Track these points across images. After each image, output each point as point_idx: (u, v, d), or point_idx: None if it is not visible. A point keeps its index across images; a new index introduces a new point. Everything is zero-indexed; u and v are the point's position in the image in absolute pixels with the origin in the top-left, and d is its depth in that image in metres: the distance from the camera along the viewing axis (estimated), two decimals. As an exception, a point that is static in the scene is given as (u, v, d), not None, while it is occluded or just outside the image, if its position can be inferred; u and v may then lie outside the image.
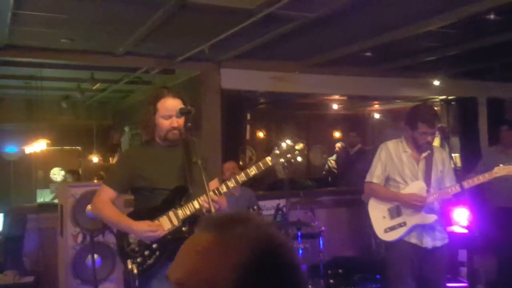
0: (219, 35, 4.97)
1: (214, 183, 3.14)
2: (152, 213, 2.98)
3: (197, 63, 6.26)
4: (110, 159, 10.91)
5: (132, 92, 9.72)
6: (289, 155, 3.01)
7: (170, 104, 2.98)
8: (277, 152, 3.01)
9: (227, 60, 6.25)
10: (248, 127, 8.36)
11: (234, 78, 6.44)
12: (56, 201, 6.45)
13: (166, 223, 2.96)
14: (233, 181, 2.99)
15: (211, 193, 2.89)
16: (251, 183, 5.78)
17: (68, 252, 4.82)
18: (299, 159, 3.02)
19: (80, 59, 6.13)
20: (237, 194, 5.42)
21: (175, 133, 2.98)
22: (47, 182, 10.16)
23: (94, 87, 8.03)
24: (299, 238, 5.35)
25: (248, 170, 3.00)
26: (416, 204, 3.76)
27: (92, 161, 10.42)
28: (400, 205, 3.84)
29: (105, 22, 4.69)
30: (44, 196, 9.21)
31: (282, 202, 5.77)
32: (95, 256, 4.69)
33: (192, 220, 2.95)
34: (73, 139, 10.73)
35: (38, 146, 8.60)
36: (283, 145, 3.02)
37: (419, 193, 3.79)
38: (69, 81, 8.15)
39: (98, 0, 4.02)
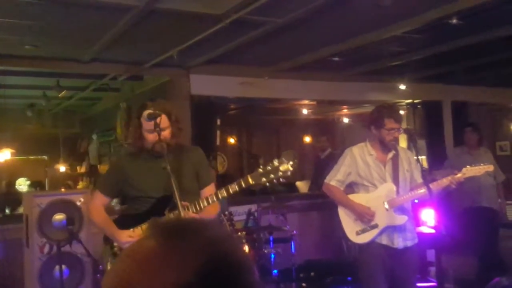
0: (187, 41, 4.95)
1: (209, 189, 3.20)
2: (136, 220, 3.08)
3: (166, 69, 6.21)
4: (78, 168, 10.71)
5: (99, 99, 9.57)
6: (272, 176, 2.88)
7: None
8: (261, 171, 2.89)
9: (196, 66, 6.23)
10: (218, 133, 8.32)
11: (204, 84, 6.41)
12: (21, 211, 6.29)
13: None
14: (214, 197, 2.99)
15: (192, 208, 2.95)
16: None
17: (35, 263, 4.70)
18: (281, 180, 2.91)
19: (45, 66, 6.01)
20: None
21: (162, 145, 2.98)
22: (12, 193, 9.92)
23: (60, 95, 7.88)
24: (271, 242, 5.37)
25: (229, 187, 2.95)
26: (363, 217, 3.82)
27: (59, 170, 10.22)
28: (371, 207, 3.88)
29: (70, 28, 4.62)
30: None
31: (253, 207, 5.77)
32: (63, 266, 4.59)
33: None
34: (39, 148, 10.49)
35: (2, 155, 8.41)
36: (269, 165, 2.90)
37: (389, 194, 3.84)
38: (34, 89, 7.98)
39: (63, 5, 3.96)
